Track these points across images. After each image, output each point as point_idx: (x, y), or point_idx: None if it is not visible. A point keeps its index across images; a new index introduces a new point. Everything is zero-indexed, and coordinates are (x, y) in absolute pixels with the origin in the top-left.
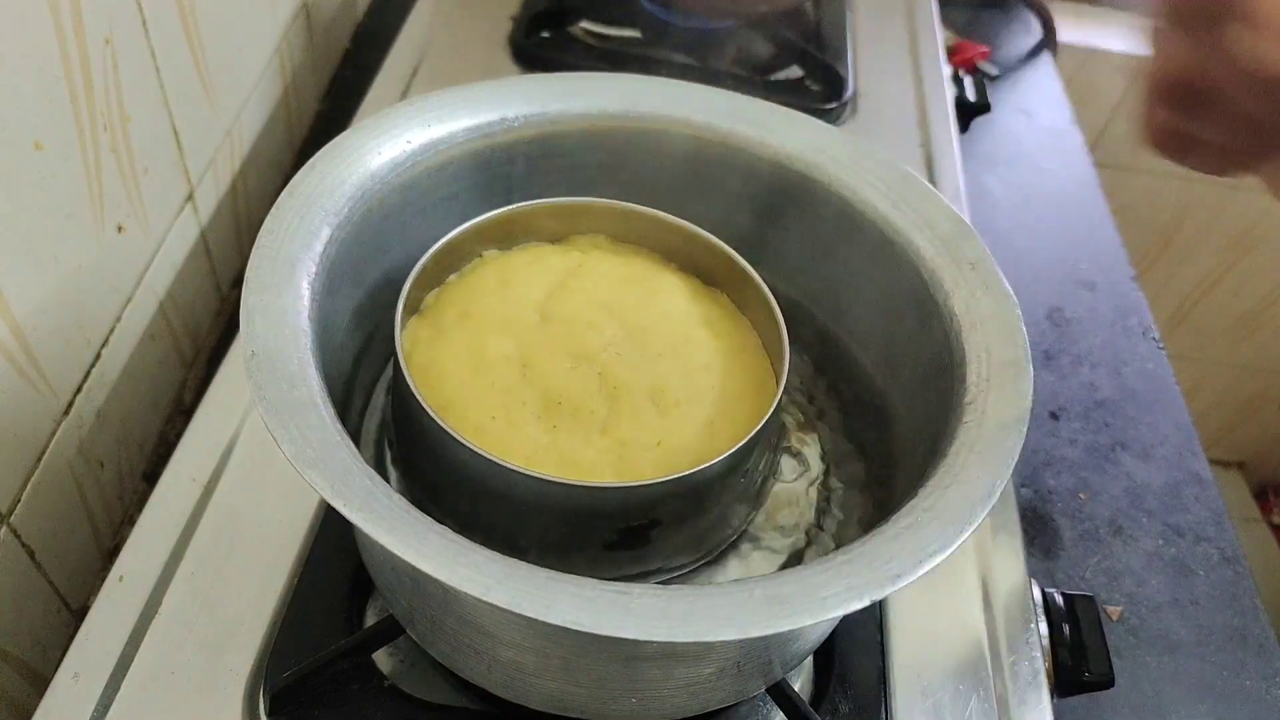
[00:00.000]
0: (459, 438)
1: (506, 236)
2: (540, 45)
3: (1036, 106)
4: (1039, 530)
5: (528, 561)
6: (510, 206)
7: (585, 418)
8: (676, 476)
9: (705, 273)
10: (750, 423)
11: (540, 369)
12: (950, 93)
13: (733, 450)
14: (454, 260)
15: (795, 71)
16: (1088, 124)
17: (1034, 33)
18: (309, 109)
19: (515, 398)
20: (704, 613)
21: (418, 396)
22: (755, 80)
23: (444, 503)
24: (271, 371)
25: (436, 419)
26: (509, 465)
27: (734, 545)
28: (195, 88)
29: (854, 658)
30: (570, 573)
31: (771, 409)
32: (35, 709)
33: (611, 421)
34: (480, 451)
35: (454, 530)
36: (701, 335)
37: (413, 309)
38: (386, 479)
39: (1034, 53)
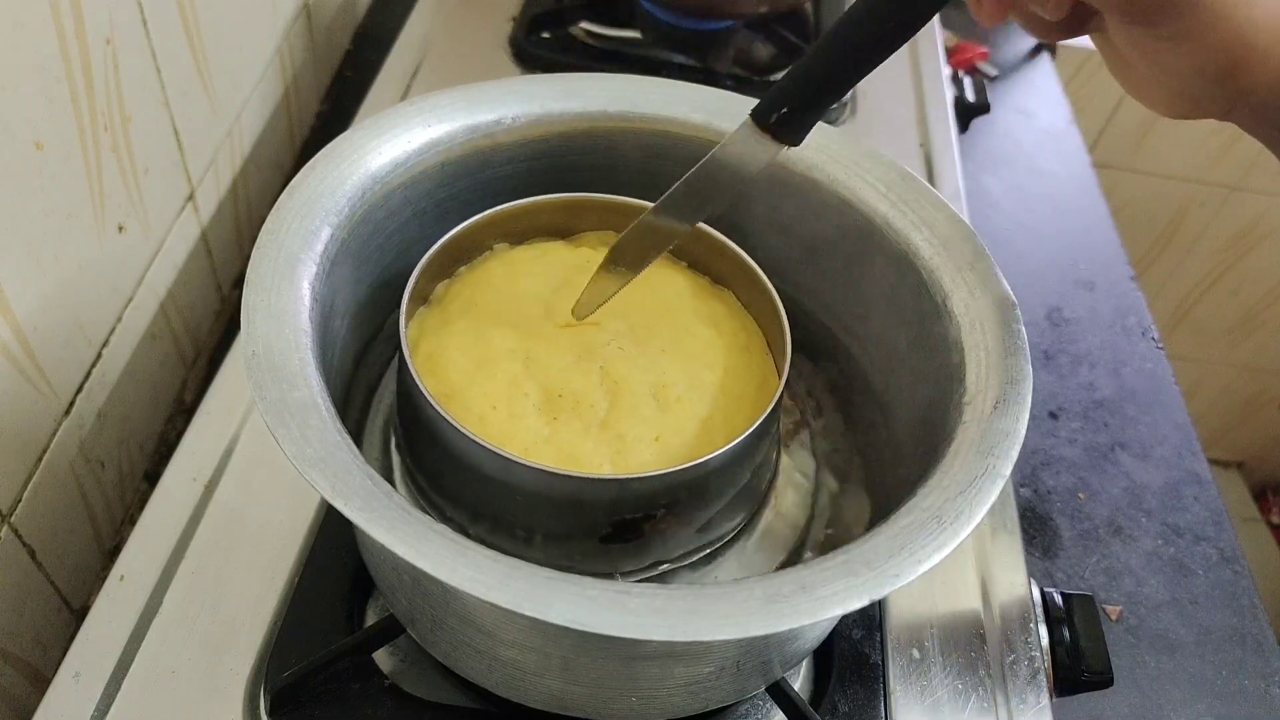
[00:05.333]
0: (458, 426)
1: (517, 230)
2: (540, 45)
3: (1035, 107)
4: (1038, 530)
5: (529, 550)
6: (521, 200)
7: (585, 411)
8: (670, 470)
9: (713, 271)
10: (750, 420)
11: (543, 362)
12: (949, 93)
13: (729, 446)
14: (464, 252)
15: None
16: (1087, 124)
17: None
18: (310, 109)
19: (517, 389)
20: (703, 612)
21: (420, 385)
22: (755, 80)
23: (446, 490)
24: (272, 371)
25: (437, 407)
26: (505, 453)
27: (733, 543)
28: (196, 88)
29: (853, 657)
30: (568, 564)
31: (770, 406)
32: (36, 708)
33: (611, 416)
34: (478, 440)
35: (456, 517)
36: (705, 333)
37: (421, 299)
38: (390, 472)
39: (1033, 53)
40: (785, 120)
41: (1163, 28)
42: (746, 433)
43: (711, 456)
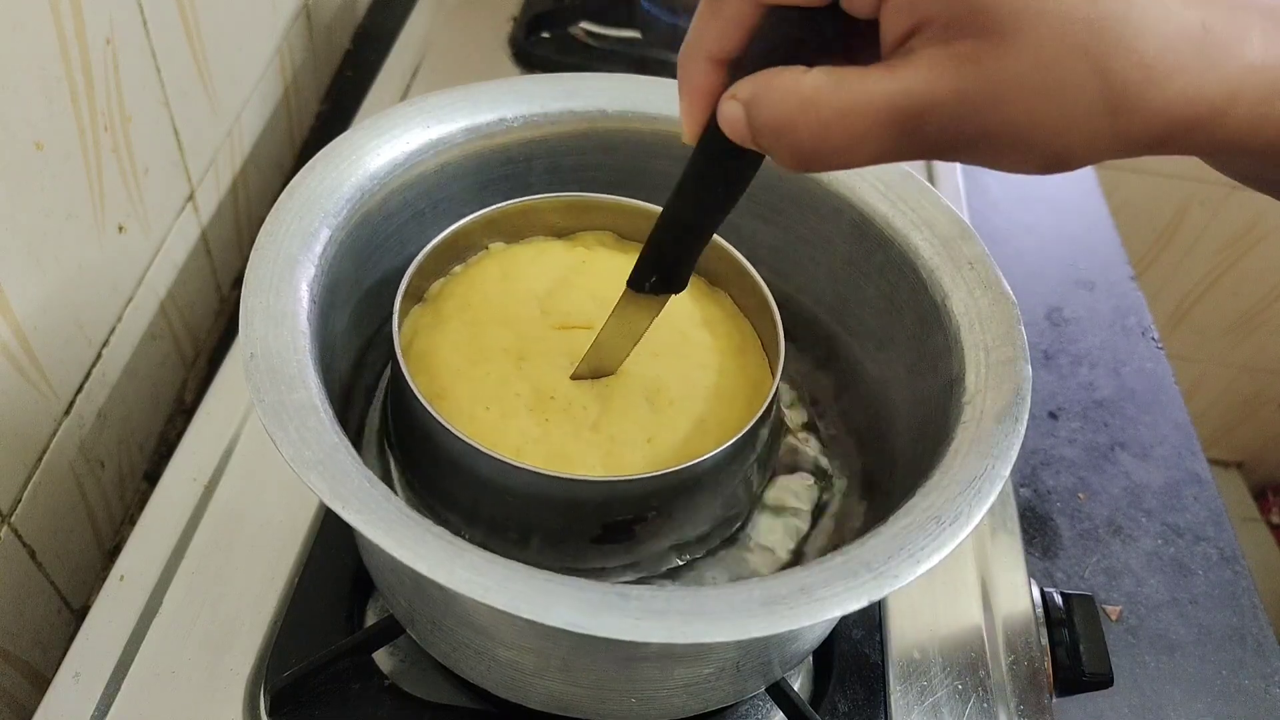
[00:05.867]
0: (448, 426)
1: (514, 229)
2: (540, 45)
3: None
4: (1038, 530)
5: (521, 551)
6: (519, 199)
7: (577, 412)
8: (660, 473)
9: (710, 273)
10: (744, 422)
11: (536, 363)
12: None
13: (720, 449)
14: (460, 251)
15: None
16: None
17: None
18: (309, 109)
19: (509, 389)
20: (702, 614)
21: (410, 383)
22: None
23: (437, 490)
24: (271, 373)
25: (427, 406)
26: (493, 454)
27: (731, 544)
28: (196, 88)
29: (853, 657)
30: (558, 564)
31: (763, 408)
32: (36, 708)
33: (603, 417)
34: (468, 440)
35: (446, 517)
36: (700, 335)
37: (416, 297)
38: (388, 474)
39: None
40: (658, 285)
41: None
42: (738, 435)
43: (702, 459)
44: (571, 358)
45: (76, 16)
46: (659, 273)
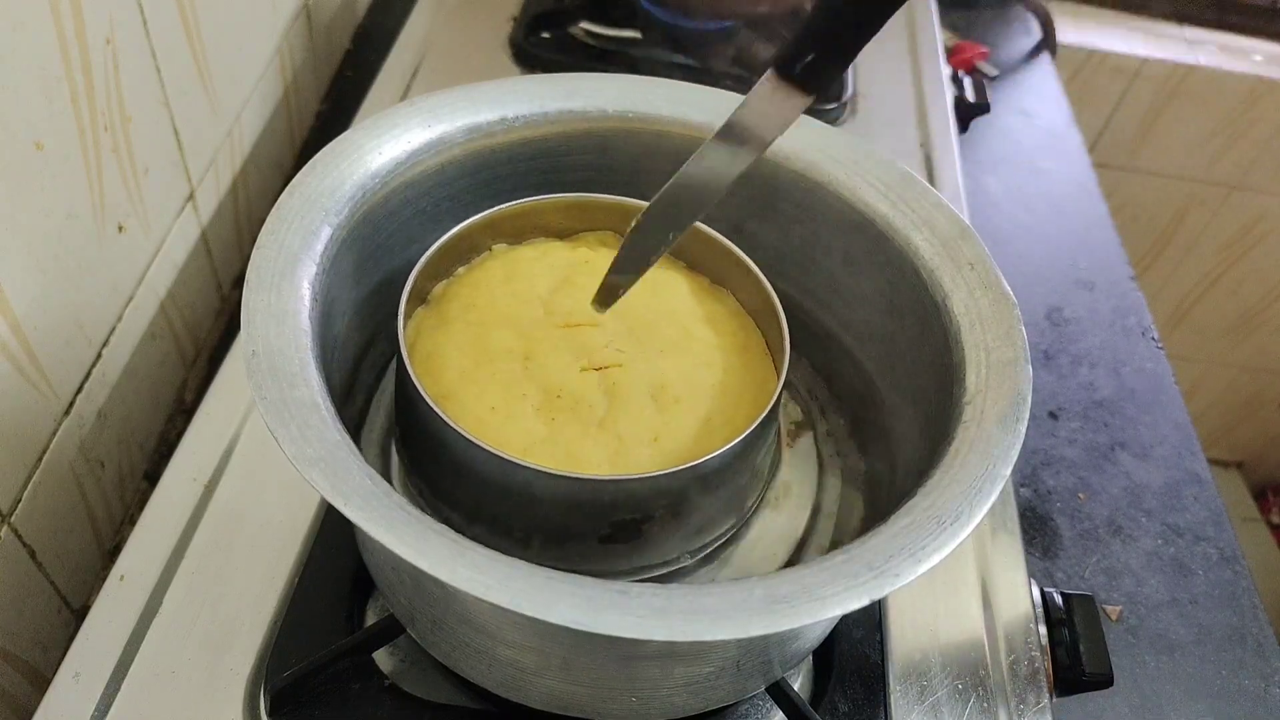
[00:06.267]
0: (455, 426)
1: (516, 231)
2: (540, 45)
3: (1036, 107)
4: (1038, 530)
5: (527, 551)
6: (521, 200)
7: (584, 412)
8: (668, 471)
9: (712, 271)
10: (749, 421)
11: (541, 363)
12: (950, 93)
13: (727, 447)
14: (463, 252)
15: None
16: (1087, 124)
17: (1033, 33)
18: (310, 109)
19: (515, 390)
20: (703, 612)
21: (417, 385)
22: (755, 80)
23: (443, 491)
24: (272, 371)
25: (435, 408)
26: (502, 454)
27: (733, 543)
28: (196, 88)
29: (853, 657)
30: (565, 565)
31: (769, 407)
32: (36, 708)
33: (610, 416)
34: (476, 441)
35: (454, 519)
36: (704, 333)
37: (419, 299)
38: (389, 472)
39: (1033, 53)
40: (812, 69)
41: None
42: (745, 433)
43: (709, 458)
44: (577, 356)
45: (76, 16)
46: (819, 51)
